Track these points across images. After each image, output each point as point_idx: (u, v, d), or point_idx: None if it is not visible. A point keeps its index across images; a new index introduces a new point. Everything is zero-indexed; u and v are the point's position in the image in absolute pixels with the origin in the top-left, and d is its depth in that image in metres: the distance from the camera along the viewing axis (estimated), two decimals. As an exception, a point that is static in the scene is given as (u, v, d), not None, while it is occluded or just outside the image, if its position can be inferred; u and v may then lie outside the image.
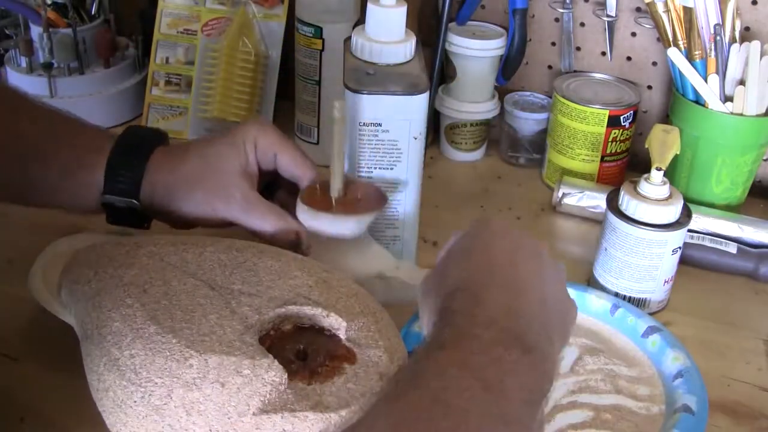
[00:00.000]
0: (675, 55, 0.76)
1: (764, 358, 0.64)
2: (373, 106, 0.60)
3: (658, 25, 0.77)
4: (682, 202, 0.65)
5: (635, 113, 0.82)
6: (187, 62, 0.92)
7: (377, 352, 0.49)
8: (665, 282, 0.67)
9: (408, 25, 0.63)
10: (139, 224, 0.64)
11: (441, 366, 0.39)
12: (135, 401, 0.44)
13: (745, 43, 0.73)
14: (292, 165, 0.63)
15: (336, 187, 0.61)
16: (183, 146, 0.63)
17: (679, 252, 0.66)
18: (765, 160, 0.84)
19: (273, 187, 0.66)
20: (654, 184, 0.64)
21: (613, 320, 0.64)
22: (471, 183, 0.89)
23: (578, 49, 0.89)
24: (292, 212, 0.61)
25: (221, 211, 0.60)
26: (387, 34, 0.62)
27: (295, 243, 0.60)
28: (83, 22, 0.92)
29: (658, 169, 0.64)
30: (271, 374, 0.45)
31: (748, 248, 0.74)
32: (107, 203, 0.61)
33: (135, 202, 0.60)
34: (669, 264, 0.66)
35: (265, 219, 0.60)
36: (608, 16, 0.85)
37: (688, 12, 0.74)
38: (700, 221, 0.76)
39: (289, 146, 0.63)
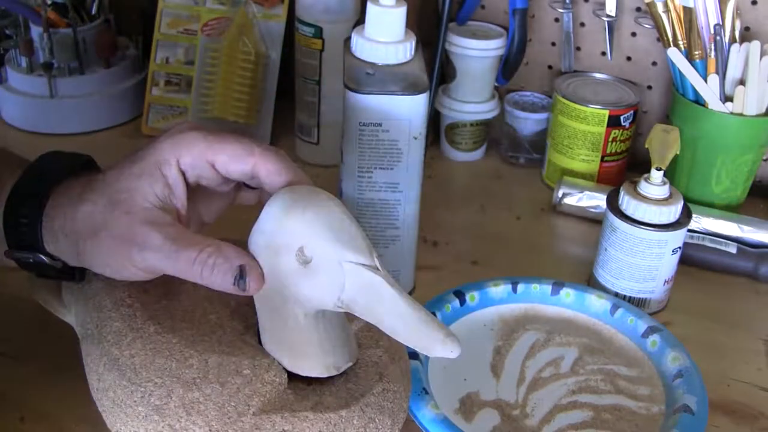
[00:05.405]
0: (675, 55, 0.76)
1: (764, 358, 0.64)
2: (373, 106, 0.60)
3: (658, 25, 0.77)
4: (682, 202, 0.65)
5: (635, 113, 0.82)
6: (187, 62, 0.92)
7: (377, 352, 0.49)
8: (665, 282, 0.67)
9: (408, 25, 0.63)
10: (72, 277, 0.50)
11: None
12: (135, 401, 0.44)
13: (745, 43, 0.73)
14: (238, 165, 0.45)
15: None
16: (91, 179, 0.47)
17: (679, 252, 0.66)
18: (765, 160, 0.84)
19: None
20: (654, 184, 0.64)
21: (613, 320, 0.64)
22: (471, 183, 0.89)
23: (578, 49, 0.89)
24: None
25: (139, 262, 0.43)
26: (387, 34, 0.61)
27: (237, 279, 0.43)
28: (83, 22, 0.92)
29: (658, 169, 0.64)
30: (271, 374, 0.45)
31: (748, 248, 0.74)
32: (18, 259, 0.48)
33: (42, 257, 0.47)
34: (669, 264, 0.66)
35: (197, 261, 0.42)
36: (608, 16, 0.85)
37: (688, 12, 0.74)
38: (700, 221, 0.76)
39: (227, 144, 0.45)
